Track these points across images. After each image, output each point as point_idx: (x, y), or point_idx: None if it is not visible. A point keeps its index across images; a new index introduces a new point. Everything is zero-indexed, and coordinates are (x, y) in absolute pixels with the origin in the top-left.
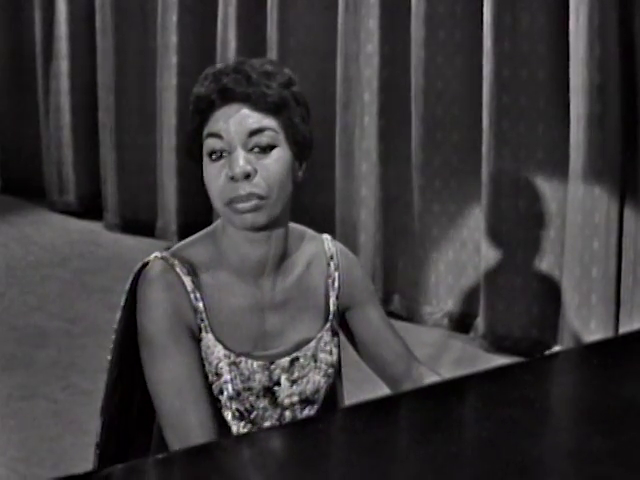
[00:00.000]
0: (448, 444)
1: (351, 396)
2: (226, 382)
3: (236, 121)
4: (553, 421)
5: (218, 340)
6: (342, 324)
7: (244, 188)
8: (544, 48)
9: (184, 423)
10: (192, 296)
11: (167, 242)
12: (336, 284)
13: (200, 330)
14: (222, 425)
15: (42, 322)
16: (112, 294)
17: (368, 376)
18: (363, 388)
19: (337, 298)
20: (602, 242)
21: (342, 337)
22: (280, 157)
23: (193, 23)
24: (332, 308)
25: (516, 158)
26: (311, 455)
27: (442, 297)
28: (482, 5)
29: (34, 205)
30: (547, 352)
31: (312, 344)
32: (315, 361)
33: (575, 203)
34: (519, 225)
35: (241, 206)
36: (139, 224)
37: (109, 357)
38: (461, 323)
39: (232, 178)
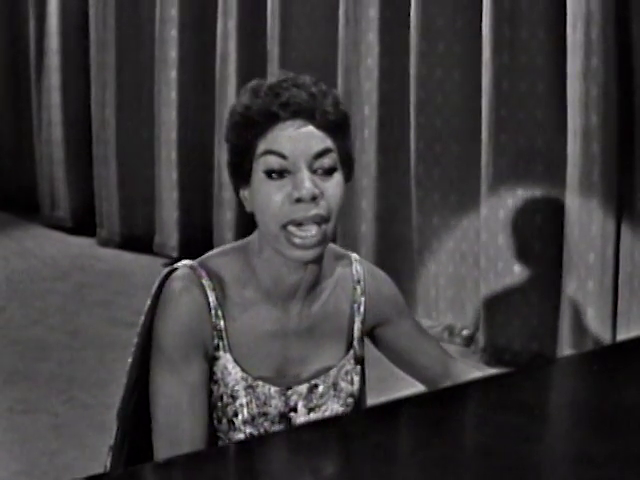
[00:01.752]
0: (448, 449)
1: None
2: (241, 405)
3: (302, 140)
4: (552, 427)
5: (236, 362)
6: (373, 339)
7: (309, 209)
8: (542, 61)
9: (175, 438)
10: (214, 313)
11: (165, 258)
12: (362, 309)
13: (218, 348)
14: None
15: (43, 335)
16: (112, 307)
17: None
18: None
19: (362, 324)
20: (599, 255)
21: (368, 367)
22: (339, 181)
23: (192, 38)
24: (356, 334)
25: (514, 171)
26: (312, 460)
27: (442, 310)
28: (481, 19)
29: (29, 220)
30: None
31: (333, 372)
32: (335, 389)
33: (572, 216)
34: (518, 238)
35: (302, 235)
36: (135, 240)
37: (130, 359)
38: (461, 336)
39: (297, 200)
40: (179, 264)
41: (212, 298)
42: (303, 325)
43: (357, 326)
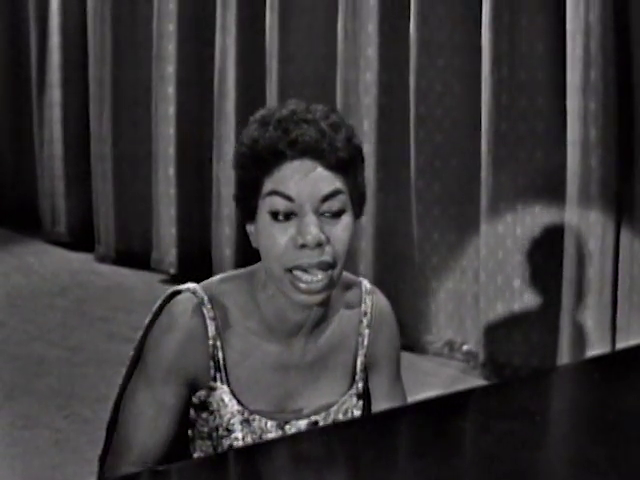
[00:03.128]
0: (449, 457)
1: None
2: (237, 439)
3: (309, 182)
4: (553, 434)
5: (233, 394)
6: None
7: (314, 256)
8: (542, 75)
9: (126, 446)
10: (212, 343)
11: (163, 274)
12: (365, 342)
13: (215, 379)
14: None
15: (43, 351)
16: (112, 323)
17: None
18: None
19: (365, 357)
20: (598, 269)
21: None
22: (348, 223)
23: (190, 53)
24: (359, 367)
25: (514, 185)
26: (312, 467)
27: (442, 326)
28: (480, 33)
29: (29, 236)
30: None
31: (333, 409)
32: None
33: (571, 230)
34: (517, 253)
35: (306, 280)
36: (133, 256)
37: (124, 370)
38: (461, 352)
39: (302, 246)
40: (183, 287)
41: (211, 328)
42: (306, 359)
43: (360, 359)
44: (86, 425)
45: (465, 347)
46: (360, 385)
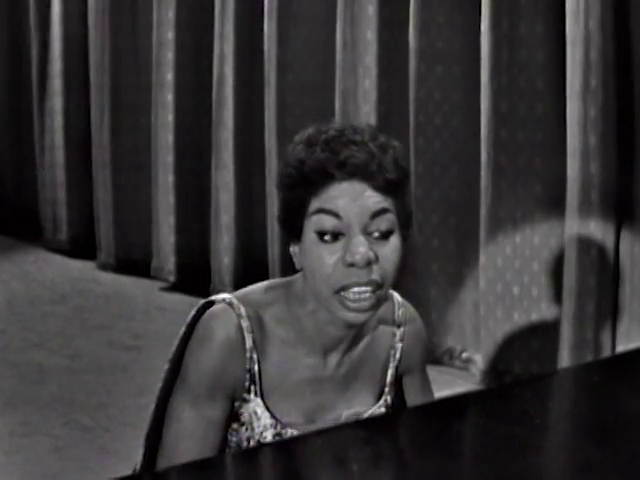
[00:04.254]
0: (449, 459)
1: None
2: None
3: (358, 201)
4: (553, 437)
5: (266, 407)
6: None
7: (363, 276)
8: (541, 82)
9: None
10: (248, 355)
11: (163, 282)
12: (397, 355)
13: (249, 391)
14: None
15: (43, 358)
16: (112, 331)
17: None
18: None
19: (395, 370)
20: (598, 276)
21: None
22: (396, 245)
23: (189, 60)
24: (389, 379)
25: (514, 192)
26: (310, 470)
27: (442, 334)
28: (479, 40)
29: (31, 244)
30: None
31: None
32: None
33: (571, 237)
34: (517, 260)
35: (355, 297)
36: (133, 264)
37: (160, 385)
38: (460, 359)
39: (350, 264)
40: (218, 297)
41: (249, 340)
42: (340, 373)
43: (391, 372)
44: (86, 433)
45: (465, 355)
46: (389, 398)
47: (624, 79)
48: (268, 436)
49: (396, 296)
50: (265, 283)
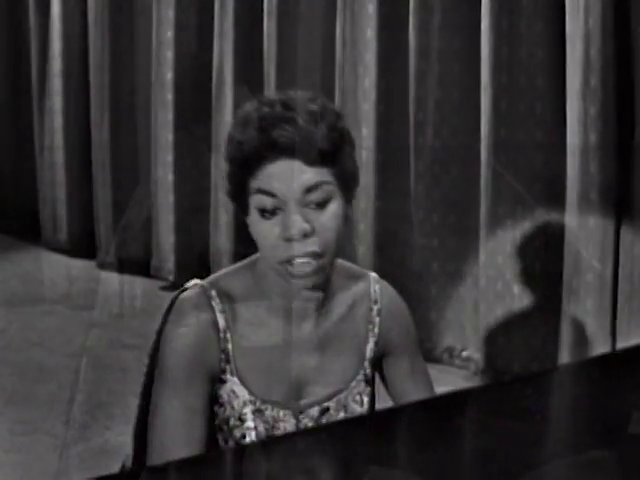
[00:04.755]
0: (449, 455)
1: None
2: (249, 429)
3: (292, 179)
4: (553, 433)
5: (244, 384)
6: (378, 368)
7: (301, 248)
8: (541, 81)
9: (167, 458)
10: (222, 336)
11: (163, 281)
12: (376, 330)
13: (224, 372)
14: None
15: (42, 357)
16: (111, 330)
17: None
18: None
19: (375, 345)
20: (598, 274)
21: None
22: (335, 211)
23: (189, 59)
24: (368, 354)
25: (514, 190)
26: (309, 465)
27: (441, 333)
28: (479, 39)
29: (31, 243)
30: None
31: (344, 394)
32: (345, 411)
33: (571, 235)
34: (517, 258)
35: (298, 268)
36: (132, 263)
37: (142, 381)
38: (460, 358)
39: (288, 239)
40: (190, 284)
41: (222, 321)
42: (316, 341)
43: (370, 346)
44: (86, 431)
45: (465, 353)
46: (368, 371)
47: (624, 77)
48: (248, 413)
49: (373, 275)
50: (232, 266)
